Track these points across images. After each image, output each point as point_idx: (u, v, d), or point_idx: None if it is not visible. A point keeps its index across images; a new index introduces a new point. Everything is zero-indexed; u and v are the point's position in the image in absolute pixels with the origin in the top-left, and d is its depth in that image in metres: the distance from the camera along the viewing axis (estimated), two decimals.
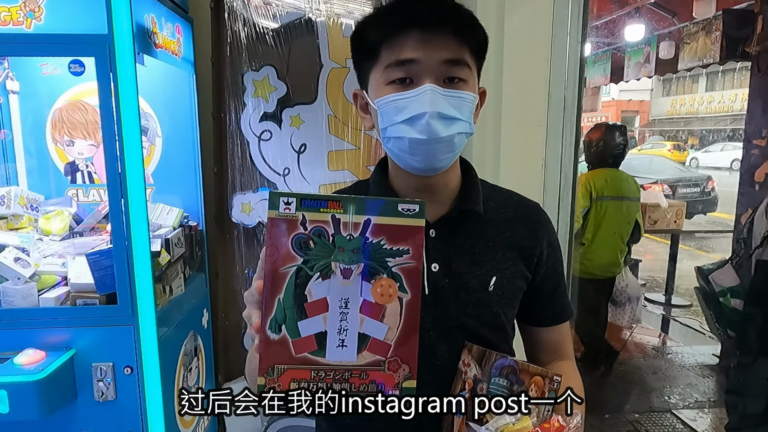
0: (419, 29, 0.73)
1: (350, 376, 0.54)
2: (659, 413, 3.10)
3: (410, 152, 0.76)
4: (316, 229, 0.52)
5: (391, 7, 0.78)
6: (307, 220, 0.51)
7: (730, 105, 22.60)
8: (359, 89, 0.84)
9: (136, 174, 1.41)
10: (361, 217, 0.52)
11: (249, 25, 1.91)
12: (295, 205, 0.51)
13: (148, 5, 1.51)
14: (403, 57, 0.74)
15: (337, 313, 0.53)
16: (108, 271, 1.47)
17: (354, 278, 0.53)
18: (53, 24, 1.34)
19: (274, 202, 0.51)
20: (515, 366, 0.78)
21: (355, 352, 0.54)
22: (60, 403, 1.46)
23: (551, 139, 1.82)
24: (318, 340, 0.53)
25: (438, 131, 0.73)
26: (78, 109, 1.96)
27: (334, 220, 0.52)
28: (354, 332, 0.53)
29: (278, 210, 0.51)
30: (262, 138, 1.97)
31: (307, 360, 0.53)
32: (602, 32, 6.56)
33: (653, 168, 9.15)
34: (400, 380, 0.56)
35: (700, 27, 4.44)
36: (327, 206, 0.52)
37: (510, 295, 0.86)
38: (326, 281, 0.52)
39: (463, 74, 0.76)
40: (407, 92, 0.74)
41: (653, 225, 4.63)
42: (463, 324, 0.82)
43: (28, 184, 1.98)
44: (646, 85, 25.29)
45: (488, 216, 0.86)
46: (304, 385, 0.53)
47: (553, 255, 0.91)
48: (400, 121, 0.74)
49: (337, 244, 0.52)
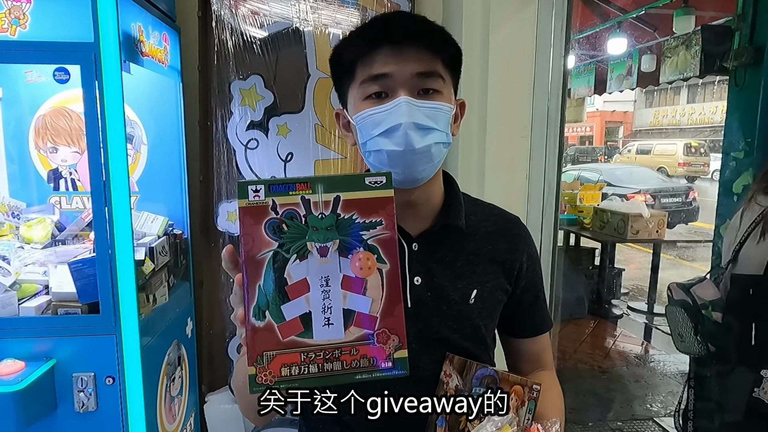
0: (391, 44, 0.75)
1: (341, 354, 0.54)
2: (641, 421, 3.13)
3: (389, 164, 0.77)
4: (288, 212, 0.52)
5: (365, 26, 0.80)
6: (278, 204, 0.52)
7: (711, 117, 23.11)
8: (341, 108, 0.86)
9: (121, 182, 1.41)
10: (330, 195, 0.53)
11: (236, 34, 1.92)
12: (264, 191, 0.51)
13: (135, 14, 1.51)
14: (377, 72, 0.75)
15: (319, 292, 0.53)
16: (91, 279, 1.45)
17: (331, 255, 0.53)
18: (38, 31, 1.34)
19: (243, 191, 0.51)
20: (495, 376, 0.80)
21: (342, 329, 0.54)
22: (39, 414, 1.43)
23: (535, 150, 1.85)
24: (303, 322, 0.53)
25: (414, 141, 0.75)
26: (62, 116, 1.94)
27: (304, 201, 0.52)
28: (338, 309, 0.53)
29: (248, 198, 0.51)
30: (249, 146, 1.97)
31: (295, 343, 0.53)
32: (586, 45, 6.69)
33: (636, 178, 9.30)
34: (391, 351, 0.55)
35: (681, 41, 4.55)
36: (295, 188, 0.52)
37: (490, 308, 0.88)
38: (304, 262, 0.52)
39: (437, 86, 0.78)
40: (383, 105, 0.76)
41: (635, 234, 4.71)
42: (444, 336, 0.84)
43: (10, 191, 1.95)
44: (630, 96, 25.75)
45: (470, 230, 0.88)
46: (295, 370, 0.53)
47: (533, 268, 0.93)
48: (377, 134, 0.76)
49: (310, 224, 0.52)
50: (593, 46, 6.58)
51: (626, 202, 5.70)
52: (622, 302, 5.32)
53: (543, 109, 1.84)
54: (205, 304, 2.07)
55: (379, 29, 0.77)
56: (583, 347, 4.26)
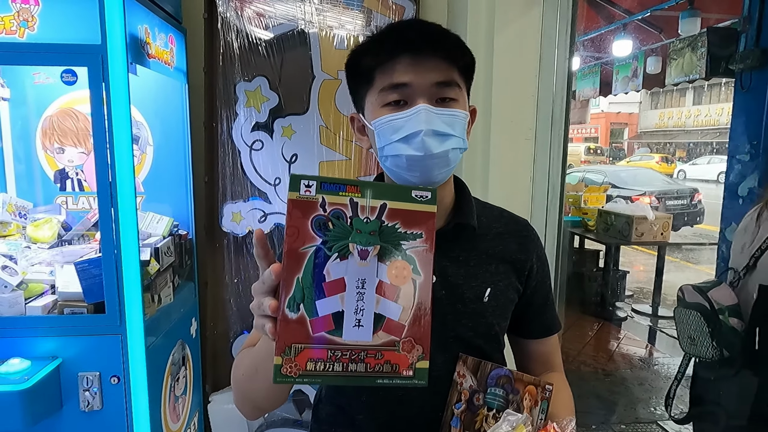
0: (411, 54, 0.77)
1: (366, 356, 0.55)
2: (645, 424, 3.12)
3: (408, 169, 0.79)
4: (335, 211, 0.53)
5: (383, 34, 0.82)
6: (327, 203, 0.53)
7: (717, 118, 23.00)
8: (355, 113, 0.88)
9: (127, 182, 1.42)
10: (378, 202, 0.54)
11: (242, 36, 1.93)
12: (315, 187, 0.52)
13: (141, 16, 1.52)
14: (397, 81, 0.77)
15: (354, 293, 0.54)
16: (96, 279, 1.46)
17: (371, 259, 0.54)
18: (46, 33, 1.35)
19: (295, 184, 0.52)
20: (510, 376, 0.81)
21: (371, 332, 0.55)
22: (45, 413, 1.45)
23: (539, 152, 1.85)
24: (335, 320, 0.54)
25: (433, 147, 0.77)
26: (69, 117, 1.96)
27: (352, 204, 0.54)
28: (370, 312, 0.55)
29: (299, 192, 0.52)
30: (254, 148, 1.98)
31: (324, 339, 0.54)
32: (591, 47, 6.68)
33: (641, 180, 9.26)
34: (414, 360, 0.57)
35: (686, 43, 4.54)
36: (346, 190, 0.53)
37: (503, 307, 0.89)
38: (344, 262, 0.54)
39: (454, 94, 0.80)
40: (402, 112, 0.78)
41: (640, 237, 4.69)
42: (459, 334, 0.85)
43: (17, 191, 1.97)
44: (635, 98, 25.67)
45: (481, 230, 0.90)
46: (320, 365, 0.54)
47: (542, 269, 0.95)
48: (396, 139, 0.78)
49: (355, 226, 0.54)
50: (598, 48, 6.57)
51: (631, 204, 5.68)
52: (626, 305, 5.30)
53: (547, 111, 1.84)
54: (210, 304, 2.08)
55: (399, 38, 0.79)
56: (587, 350, 4.25)
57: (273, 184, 2.00)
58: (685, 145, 25.54)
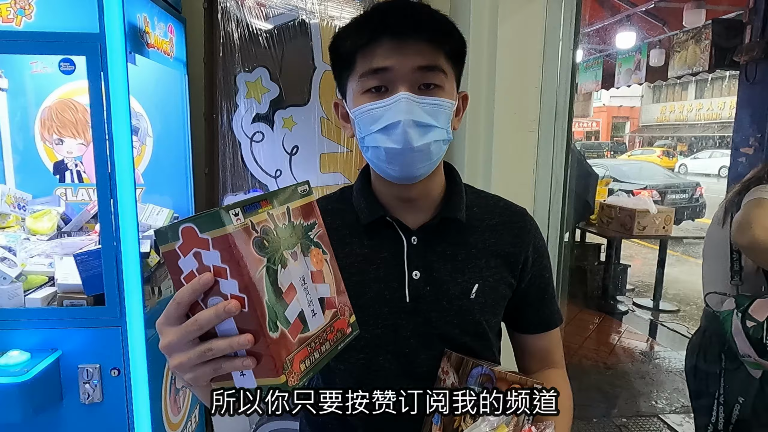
0: (391, 36, 0.73)
1: (327, 335, 0.62)
2: (646, 417, 3.13)
3: (387, 161, 0.76)
4: (263, 228, 0.56)
5: (365, 15, 0.77)
6: (254, 224, 0.55)
7: (719, 112, 22.91)
8: (339, 98, 0.84)
9: (126, 174, 1.40)
10: (283, 207, 0.60)
11: (242, 26, 1.91)
12: (241, 213, 0.54)
13: (140, 5, 1.50)
14: (376, 65, 0.73)
15: (303, 291, 0.60)
16: (96, 271, 1.45)
17: (299, 257, 0.60)
18: (44, 22, 1.33)
19: (226, 219, 0.53)
20: (492, 375, 0.76)
21: (323, 315, 0.62)
22: (45, 405, 1.44)
23: (543, 144, 1.83)
24: (301, 320, 0.59)
25: (413, 140, 0.73)
26: (68, 108, 1.94)
27: (270, 216, 0.57)
28: (316, 300, 0.62)
29: (233, 224, 0.53)
30: (254, 139, 1.96)
31: (302, 339, 0.59)
32: (594, 39, 6.63)
33: (642, 174, 9.23)
34: (348, 320, 0.67)
35: (690, 36, 4.50)
36: (261, 206, 0.57)
37: (493, 303, 0.85)
38: (287, 269, 0.58)
39: (438, 80, 0.75)
40: (382, 101, 0.73)
41: (642, 231, 4.68)
42: (444, 332, 0.82)
43: (16, 182, 1.96)
44: (637, 91, 25.56)
45: (472, 223, 0.86)
46: (308, 362, 0.59)
47: (540, 261, 0.90)
48: (376, 130, 0.74)
49: (280, 235, 0.58)
50: (602, 40, 6.52)
51: (633, 198, 5.66)
52: (627, 298, 5.30)
53: (551, 103, 1.81)
54: None
55: (380, 20, 0.75)
56: (588, 343, 4.25)
57: (274, 176, 1.99)
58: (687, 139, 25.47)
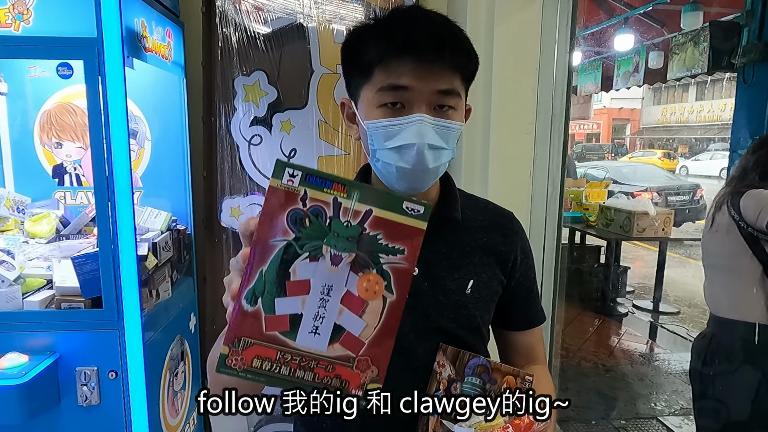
0: (415, 57, 0.73)
1: (316, 366, 0.52)
2: (645, 420, 3.12)
3: (397, 178, 0.78)
4: (315, 208, 0.49)
5: (389, 26, 0.77)
6: (308, 197, 0.49)
7: (719, 114, 22.90)
8: (347, 98, 0.85)
9: (124, 177, 1.41)
10: (363, 206, 0.50)
11: (240, 30, 1.91)
12: (300, 178, 0.48)
13: (138, 9, 1.51)
14: (397, 83, 0.74)
15: (317, 299, 0.51)
16: (94, 274, 1.46)
17: (342, 266, 0.50)
18: (42, 26, 1.34)
19: (279, 171, 0.48)
20: (488, 365, 0.80)
21: (327, 342, 0.52)
22: (42, 407, 1.45)
23: (539, 147, 1.84)
24: (291, 322, 0.51)
25: (426, 162, 0.75)
26: (67, 112, 1.95)
27: (335, 203, 0.50)
28: (330, 322, 0.51)
29: (281, 180, 0.48)
30: (252, 142, 1.97)
31: (276, 339, 0.51)
32: (593, 41, 6.64)
33: (643, 176, 9.23)
34: (366, 381, 0.53)
35: (689, 38, 4.51)
36: (332, 187, 0.49)
37: (486, 299, 0.89)
38: (313, 263, 0.50)
39: (453, 102, 0.77)
40: (399, 119, 0.75)
41: (641, 232, 4.68)
42: (441, 326, 0.85)
43: (15, 186, 1.97)
44: (637, 93, 25.56)
45: (465, 222, 0.89)
46: (267, 365, 0.51)
47: (526, 261, 0.95)
48: (389, 147, 0.76)
49: (333, 228, 0.50)
50: (600, 43, 6.53)
51: (632, 200, 5.67)
52: (627, 300, 5.29)
53: (547, 106, 1.82)
54: (209, 299, 2.07)
55: (405, 36, 0.74)
56: (587, 345, 4.24)
57: None
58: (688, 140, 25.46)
